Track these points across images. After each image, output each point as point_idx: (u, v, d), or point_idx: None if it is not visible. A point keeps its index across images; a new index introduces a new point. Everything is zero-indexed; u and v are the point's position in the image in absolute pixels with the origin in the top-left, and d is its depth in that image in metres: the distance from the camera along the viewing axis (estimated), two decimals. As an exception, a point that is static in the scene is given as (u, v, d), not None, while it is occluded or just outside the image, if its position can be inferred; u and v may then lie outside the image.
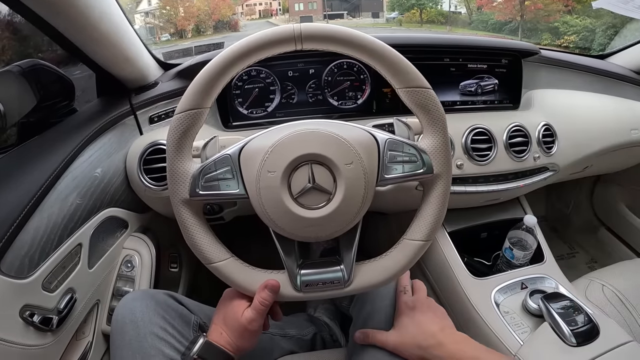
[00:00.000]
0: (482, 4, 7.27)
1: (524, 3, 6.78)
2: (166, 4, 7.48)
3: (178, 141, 0.67)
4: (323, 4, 7.79)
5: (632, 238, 1.89)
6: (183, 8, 7.62)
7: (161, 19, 7.36)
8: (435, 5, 7.60)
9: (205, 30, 7.57)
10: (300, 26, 0.65)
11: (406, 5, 7.66)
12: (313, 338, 1.07)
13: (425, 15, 7.52)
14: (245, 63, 0.66)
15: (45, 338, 0.78)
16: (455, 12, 7.58)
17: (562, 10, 6.20)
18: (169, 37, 7.10)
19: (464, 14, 7.44)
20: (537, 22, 6.66)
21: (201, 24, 7.65)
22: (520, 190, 1.26)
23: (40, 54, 1.22)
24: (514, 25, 6.78)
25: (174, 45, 5.16)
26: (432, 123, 0.70)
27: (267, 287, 0.69)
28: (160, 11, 7.34)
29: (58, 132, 0.98)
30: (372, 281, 0.72)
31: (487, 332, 1.04)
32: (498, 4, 7.15)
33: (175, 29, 7.47)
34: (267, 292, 0.69)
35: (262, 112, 1.13)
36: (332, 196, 0.64)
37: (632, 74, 1.59)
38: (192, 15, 7.70)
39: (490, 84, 1.27)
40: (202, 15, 7.73)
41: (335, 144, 0.64)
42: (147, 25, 7.09)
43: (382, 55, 0.67)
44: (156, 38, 6.83)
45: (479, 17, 7.11)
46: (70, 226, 0.86)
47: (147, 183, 0.99)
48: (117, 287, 1.05)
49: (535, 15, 6.74)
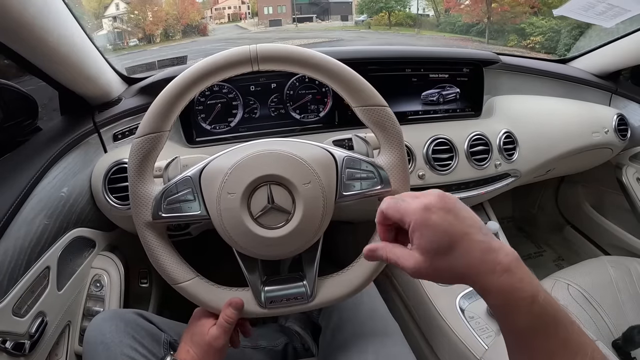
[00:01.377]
0: (450, 6, 7.35)
1: (490, 5, 6.88)
2: (134, 8, 7.35)
3: (139, 164, 0.68)
4: (292, 7, 7.75)
5: (597, 236, 1.95)
6: (151, 13, 7.48)
7: (129, 23, 7.22)
8: (403, 8, 7.64)
9: (174, 34, 7.46)
10: (257, 47, 0.66)
11: (375, 8, 7.68)
12: (284, 348, 1.07)
13: (393, 18, 7.55)
14: (202, 86, 0.67)
15: (19, 363, 0.78)
16: (423, 15, 7.64)
17: (529, 12, 6.31)
18: (137, 42, 6.98)
19: (432, 17, 7.50)
20: (504, 24, 6.76)
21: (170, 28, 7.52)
22: (482, 197, 1.29)
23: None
24: (481, 27, 6.86)
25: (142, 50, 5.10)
26: (389, 140, 0.71)
27: (232, 305, 0.71)
28: (128, 16, 7.20)
29: (22, 153, 0.97)
30: (335, 295, 0.74)
31: (453, 338, 1.06)
32: (465, 6, 7.23)
33: (144, 34, 7.34)
34: (231, 310, 0.70)
35: (225, 128, 1.14)
36: (291, 216, 0.66)
37: (593, 77, 1.65)
38: (161, 20, 7.57)
39: (452, 92, 1.30)
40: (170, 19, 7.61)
41: (292, 165, 0.65)
42: (115, 30, 6.96)
43: (337, 74, 0.68)
44: (124, 43, 6.70)
45: (447, 20, 7.17)
46: (38, 249, 0.86)
47: (112, 202, 0.99)
48: (87, 307, 1.05)
49: (502, 17, 6.84)
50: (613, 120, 1.54)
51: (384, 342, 0.87)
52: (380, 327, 0.91)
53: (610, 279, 1.21)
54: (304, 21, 7.97)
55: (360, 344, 0.86)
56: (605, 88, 1.66)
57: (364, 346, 0.86)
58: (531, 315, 0.45)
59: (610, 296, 1.16)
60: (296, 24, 7.74)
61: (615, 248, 1.84)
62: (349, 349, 0.86)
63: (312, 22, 8.01)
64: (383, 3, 7.71)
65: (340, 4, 8.42)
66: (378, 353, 0.84)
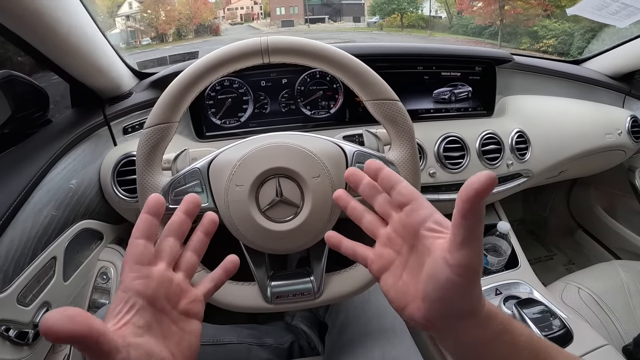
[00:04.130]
0: (462, 8, 7.35)
1: (503, 8, 6.87)
2: (147, 7, 7.42)
3: (147, 155, 0.67)
4: (304, 8, 7.78)
5: (608, 239, 1.93)
6: (164, 12, 7.57)
7: (142, 22, 7.30)
8: (416, 9, 7.65)
9: (186, 34, 7.53)
10: (267, 39, 0.65)
11: (387, 9, 7.69)
12: (290, 346, 1.06)
13: (406, 19, 7.56)
14: (212, 77, 0.67)
15: (21, 352, 0.78)
16: (435, 17, 7.64)
17: (541, 15, 6.28)
18: (150, 41, 7.05)
19: (445, 19, 7.50)
20: (517, 27, 6.74)
21: (182, 28, 7.60)
22: (493, 197, 1.28)
23: (13, 64, 1.21)
24: (494, 29, 6.85)
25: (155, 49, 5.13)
26: (400, 135, 0.70)
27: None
28: (141, 15, 7.28)
29: (31, 144, 0.97)
30: (343, 292, 0.73)
31: None
32: (478, 8, 7.22)
33: (157, 33, 7.42)
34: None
35: (236, 123, 1.14)
36: (300, 209, 0.65)
37: (607, 78, 1.63)
38: (173, 19, 7.65)
39: (464, 91, 1.29)
40: (183, 19, 7.69)
41: (302, 158, 0.64)
42: (128, 29, 7.04)
43: (349, 67, 0.68)
44: (137, 42, 6.77)
45: (459, 22, 7.17)
46: (45, 239, 0.86)
47: (120, 195, 0.99)
48: (93, 299, 1.04)
49: (515, 20, 6.83)
50: (626, 121, 1.52)
51: (391, 341, 0.86)
52: (387, 326, 0.90)
53: (621, 283, 1.19)
54: (316, 22, 7.99)
55: (366, 343, 0.85)
56: (618, 89, 1.64)
57: (370, 345, 0.84)
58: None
59: (621, 300, 1.15)
60: (308, 25, 7.77)
61: (626, 252, 1.81)
62: (355, 347, 0.85)
63: (324, 23, 8.04)
64: (395, 5, 7.71)
65: (352, 6, 8.44)
66: (384, 352, 0.82)
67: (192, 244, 0.54)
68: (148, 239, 0.48)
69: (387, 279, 0.50)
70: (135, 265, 0.46)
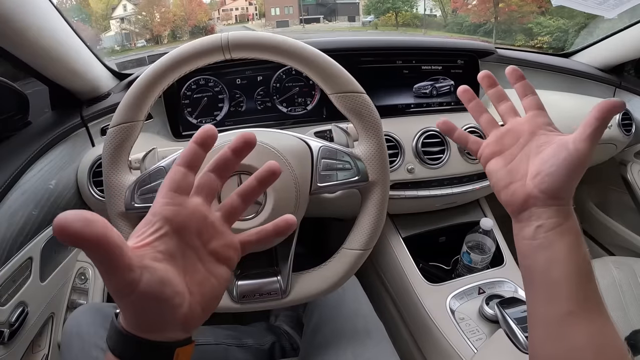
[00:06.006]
0: (457, 6, 7.35)
1: (497, 5, 6.86)
2: (142, 9, 7.43)
3: (112, 154, 0.67)
4: (299, 8, 7.79)
5: (600, 235, 1.91)
6: (159, 14, 7.57)
7: (137, 25, 7.31)
8: (410, 8, 7.65)
9: (181, 35, 7.53)
10: (228, 35, 0.66)
11: (382, 8, 7.70)
12: (271, 347, 1.06)
13: (400, 18, 7.57)
14: (174, 75, 0.67)
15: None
16: (430, 15, 7.65)
17: (536, 12, 6.28)
18: (145, 43, 7.04)
19: (439, 17, 7.51)
20: (511, 24, 6.74)
21: (177, 29, 7.60)
22: (477, 192, 1.25)
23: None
24: (489, 27, 6.84)
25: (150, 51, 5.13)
26: (366, 129, 0.70)
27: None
28: (136, 17, 7.29)
29: (8, 146, 0.97)
30: (311, 291, 0.73)
31: (441, 340, 1.03)
32: (472, 6, 7.22)
33: (152, 35, 7.42)
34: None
35: (212, 121, 1.13)
36: (262, 206, 0.65)
37: (597, 71, 1.61)
38: (168, 21, 7.65)
39: (446, 85, 1.27)
40: (178, 21, 7.69)
41: (263, 154, 0.65)
42: (122, 31, 7.03)
43: (311, 60, 0.68)
44: (132, 44, 6.77)
45: (454, 20, 7.17)
46: (20, 240, 0.86)
47: (96, 195, 0.99)
48: (71, 300, 1.05)
49: (509, 17, 6.82)
50: (617, 115, 1.50)
51: (365, 343, 0.85)
52: (361, 327, 0.89)
53: (613, 280, 1.17)
54: (311, 22, 7.99)
55: (339, 343, 0.85)
56: (608, 82, 1.61)
57: (343, 346, 0.84)
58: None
59: (613, 298, 1.13)
60: (303, 25, 7.78)
61: (619, 248, 1.79)
62: (328, 348, 0.85)
63: (320, 22, 8.04)
64: (390, 3, 7.72)
65: (347, 5, 8.44)
66: (357, 353, 0.82)
67: (241, 188, 0.50)
68: (190, 169, 0.45)
69: (497, 162, 0.57)
70: (170, 192, 0.43)
